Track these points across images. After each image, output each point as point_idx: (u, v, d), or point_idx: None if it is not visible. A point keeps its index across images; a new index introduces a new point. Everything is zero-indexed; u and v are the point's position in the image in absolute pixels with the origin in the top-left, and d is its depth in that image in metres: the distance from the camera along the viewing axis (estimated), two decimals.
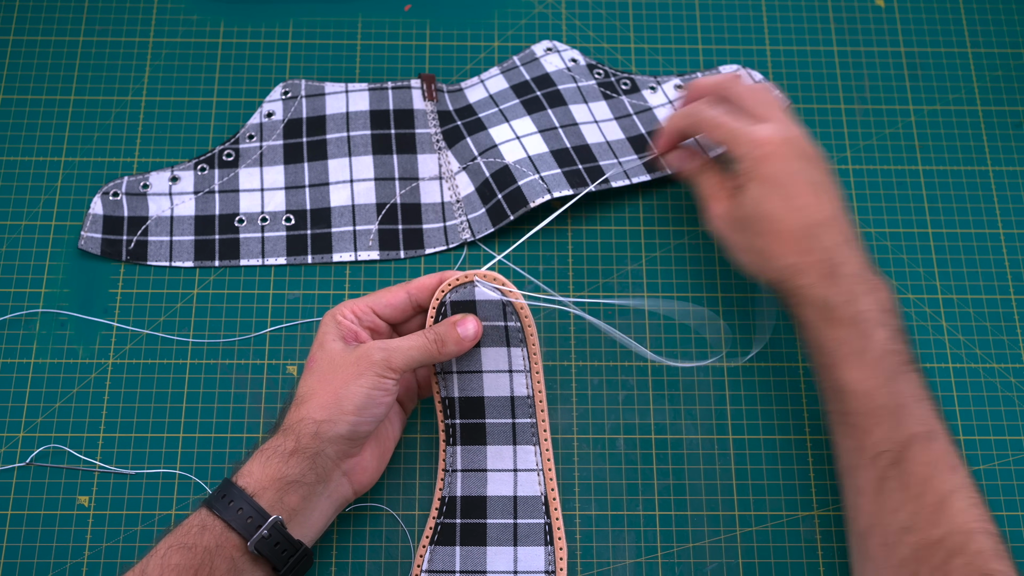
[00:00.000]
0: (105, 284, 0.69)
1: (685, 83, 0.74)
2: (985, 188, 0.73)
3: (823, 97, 0.76)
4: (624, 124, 0.73)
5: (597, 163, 0.70)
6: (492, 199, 0.69)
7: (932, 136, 0.75)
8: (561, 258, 0.71)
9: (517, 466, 0.62)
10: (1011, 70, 0.77)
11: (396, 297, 0.60)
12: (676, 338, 0.69)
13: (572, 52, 0.75)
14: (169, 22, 0.77)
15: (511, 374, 0.62)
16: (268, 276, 0.69)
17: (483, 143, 0.71)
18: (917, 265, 0.71)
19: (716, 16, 0.78)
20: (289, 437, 0.55)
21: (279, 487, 0.54)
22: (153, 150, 0.73)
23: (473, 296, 0.60)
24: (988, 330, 0.69)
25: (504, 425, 0.62)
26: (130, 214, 0.70)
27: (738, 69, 0.75)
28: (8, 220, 0.71)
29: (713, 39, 0.78)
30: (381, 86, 0.74)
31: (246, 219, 0.70)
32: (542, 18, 0.78)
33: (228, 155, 0.72)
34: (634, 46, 0.77)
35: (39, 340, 0.67)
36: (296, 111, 0.73)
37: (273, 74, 0.75)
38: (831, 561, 0.63)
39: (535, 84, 0.74)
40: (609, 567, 0.63)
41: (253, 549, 0.53)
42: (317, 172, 0.71)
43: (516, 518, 0.61)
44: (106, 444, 0.65)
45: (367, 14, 0.78)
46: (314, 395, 0.56)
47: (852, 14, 0.79)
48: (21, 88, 0.75)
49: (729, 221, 0.63)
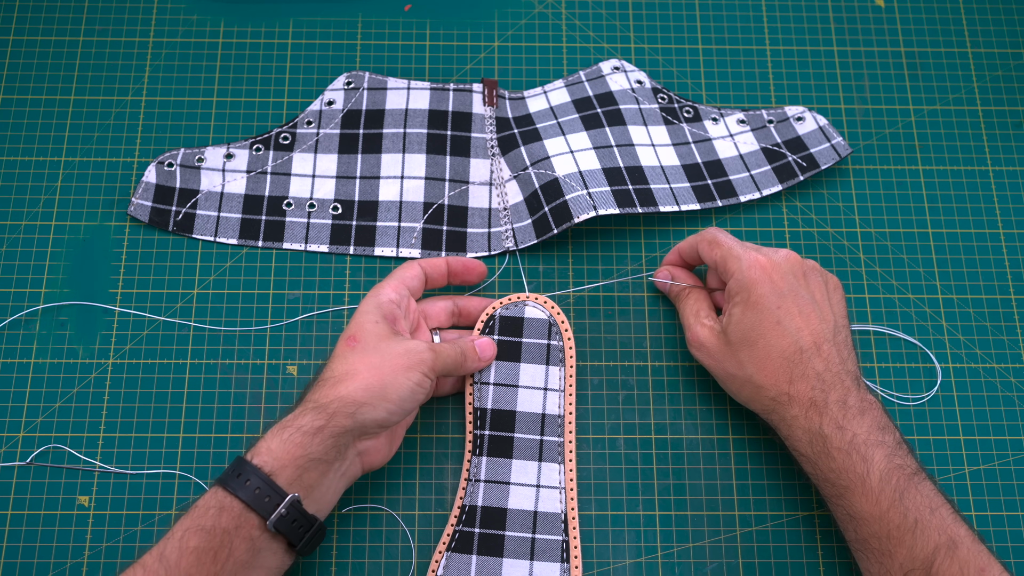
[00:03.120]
0: (105, 284, 0.69)
1: (748, 117, 0.74)
2: (985, 188, 0.73)
3: (823, 97, 0.76)
4: (681, 151, 0.73)
5: (648, 185, 0.70)
6: (539, 211, 0.69)
7: (932, 136, 0.75)
8: (561, 258, 0.71)
9: (540, 482, 0.63)
10: (1011, 70, 0.77)
11: (439, 307, 0.65)
12: (676, 338, 0.69)
13: (639, 74, 0.75)
14: (169, 22, 0.77)
15: (546, 392, 0.64)
16: (268, 276, 0.69)
17: (536, 154, 0.71)
18: (917, 265, 0.71)
19: (716, 17, 0.78)
20: (320, 415, 0.55)
21: (300, 464, 0.54)
22: (153, 150, 0.73)
23: (523, 314, 0.65)
24: (988, 330, 0.69)
25: (532, 441, 0.63)
26: (182, 186, 0.71)
27: (804, 111, 0.74)
28: (8, 220, 0.71)
29: (713, 39, 0.78)
30: (443, 86, 0.74)
31: (294, 203, 0.71)
32: (542, 18, 0.78)
33: (285, 138, 0.72)
34: (634, 46, 0.77)
35: (39, 340, 0.67)
36: (356, 102, 0.73)
37: (273, 74, 0.75)
38: (831, 561, 0.63)
39: (597, 101, 0.73)
40: (609, 567, 0.63)
41: (272, 527, 0.53)
42: (370, 165, 0.72)
43: (535, 533, 0.61)
44: (106, 444, 0.65)
45: (367, 14, 0.78)
46: (357, 376, 0.56)
47: (852, 14, 0.79)
48: (21, 88, 0.75)
49: (714, 347, 0.61)
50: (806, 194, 0.73)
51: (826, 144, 0.72)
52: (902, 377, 0.68)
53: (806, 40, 0.78)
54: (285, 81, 0.75)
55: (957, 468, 0.65)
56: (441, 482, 0.64)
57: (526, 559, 0.61)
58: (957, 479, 0.65)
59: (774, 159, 0.72)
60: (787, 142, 0.73)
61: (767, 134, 0.73)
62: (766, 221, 0.72)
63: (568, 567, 0.61)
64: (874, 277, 0.70)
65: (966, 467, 0.66)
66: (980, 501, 0.65)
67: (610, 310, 0.69)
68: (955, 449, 0.66)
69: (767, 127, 0.74)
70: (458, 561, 0.61)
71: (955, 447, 0.66)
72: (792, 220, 0.72)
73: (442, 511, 0.64)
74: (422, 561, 0.62)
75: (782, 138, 0.73)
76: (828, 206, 0.73)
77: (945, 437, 0.66)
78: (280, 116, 0.74)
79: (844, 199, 0.73)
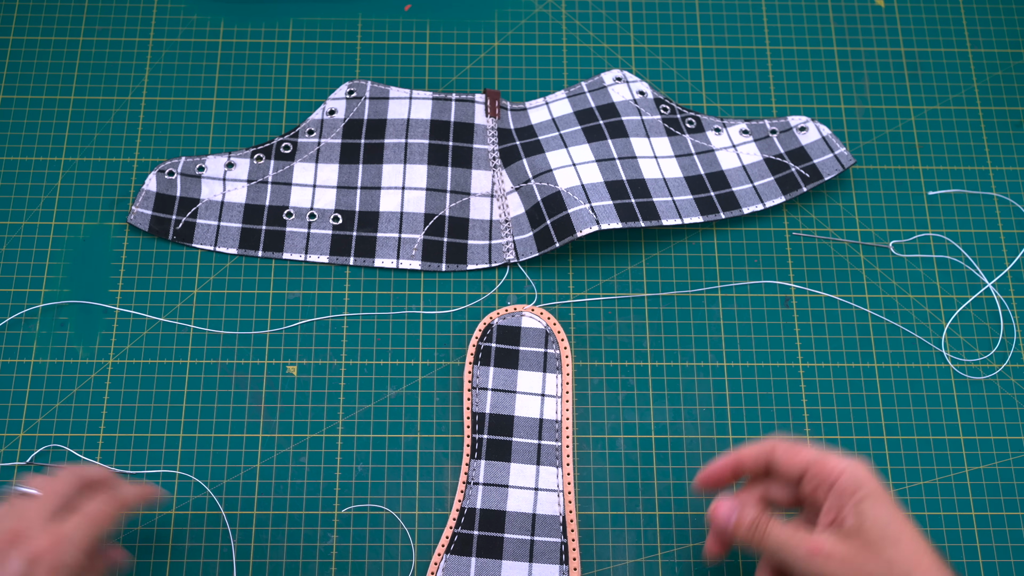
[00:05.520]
0: (105, 284, 0.69)
1: (750, 127, 0.74)
2: (985, 188, 0.73)
3: (823, 97, 0.76)
4: (683, 163, 0.72)
5: (651, 199, 0.70)
6: (541, 224, 0.69)
7: (932, 136, 0.75)
8: (561, 258, 0.71)
9: (538, 485, 0.63)
10: (1011, 70, 0.77)
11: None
12: (676, 338, 0.69)
13: (641, 84, 0.75)
14: (169, 22, 0.77)
15: (543, 398, 0.65)
16: (268, 276, 0.69)
17: (539, 166, 0.71)
18: (917, 265, 0.71)
19: (716, 17, 0.78)
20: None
21: None
22: (153, 150, 0.73)
23: (520, 324, 0.66)
24: (988, 330, 0.69)
25: (530, 445, 0.64)
26: (182, 195, 0.71)
27: (807, 121, 0.74)
28: (8, 220, 0.71)
29: (713, 39, 0.78)
30: (445, 96, 0.74)
31: (295, 213, 0.71)
32: (542, 18, 0.78)
33: (286, 147, 0.72)
34: (634, 46, 0.77)
35: (39, 340, 0.67)
36: (359, 112, 0.73)
37: (273, 73, 0.75)
38: None
39: (599, 112, 0.73)
40: (609, 567, 0.63)
41: None
42: (371, 175, 0.71)
43: (533, 535, 0.62)
44: (106, 444, 0.65)
45: (367, 14, 0.78)
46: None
47: (852, 14, 0.79)
48: (21, 88, 0.75)
49: (849, 554, 0.51)
50: (806, 194, 0.73)
51: (829, 155, 0.72)
52: (902, 377, 0.68)
53: (806, 40, 0.78)
54: (285, 81, 0.75)
55: (957, 468, 0.65)
56: (441, 482, 0.64)
57: (525, 561, 0.61)
58: (957, 479, 0.65)
59: (777, 170, 0.72)
60: (790, 152, 0.73)
61: (770, 144, 0.73)
62: (766, 221, 0.72)
63: (567, 569, 0.61)
64: (874, 277, 0.70)
65: (966, 467, 0.66)
66: (980, 501, 0.65)
67: (610, 311, 0.69)
68: (955, 449, 0.66)
69: (770, 137, 0.74)
70: (457, 563, 0.61)
71: (955, 447, 0.66)
72: (792, 220, 0.72)
73: (442, 511, 0.64)
74: (422, 561, 0.62)
75: (785, 148, 0.73)
76: (828, 206, 0.73)
77: (945, 437, 0.66)
78: (280, 115, 0.74)
79: (844, 199, 0.73)
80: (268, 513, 0.63)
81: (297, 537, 0.63)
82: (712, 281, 0.70)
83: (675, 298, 0.70)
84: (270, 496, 0.64)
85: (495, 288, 0.69)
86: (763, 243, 0.71)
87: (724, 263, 0.71)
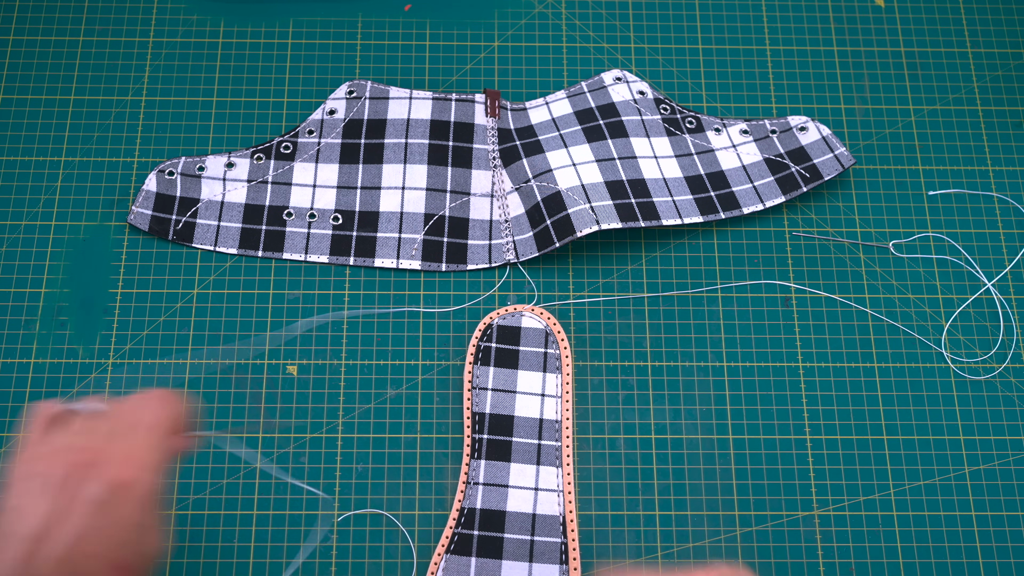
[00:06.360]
0: (105, 284, 0.69)
1: (750, 127, 0.74)
2: (985, 188, 0.73)
3: (823, 97, 0.76)
4: (684, 163, 0.73)
5: (651, 199, 0.70)
6: (541, 224, 0.69)
7: (932, 136, 0.75)
8: (561, 258, 0.71)
9: (538, 485, 0.63)
10: (1011, 70, 0.77)
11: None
12: (676, 338, 0.69)
13: (641, 84, 0.75)
14: (169, 22, 0.77)
15: (543, 398, 0.65)
16: (268, 276, 0.70)
17: (539, 166, 0.71)
18: (917, 265, 0.71)
19: (716, 16, 0.78)
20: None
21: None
22: (153, 150, 0.73)
23: (519, 324, 0.66)
24: (988, 330, 0.69)
25: (530, 445, 0.64)
26: (182, 195, 0.71)
27: (807, 121, 0.74)
28: (8, 220, 0.71)
29: (713, 39, 0.78)
30: (445, 96, 0.74)
31: (295, 213, 0.71)
32: (542, 18, 0.78)
33: (286, 147, 0.72)
34: (634, 46, 0.77)
35: (39, 340, 0.67)
36: (358, 112, 0.73)
37: (273, 73, 0.75)
38: (831, 561, 0.63)
39: (599, 112, 0.73)
40: (609, 567, 0.63)
41: None
42: (371, 175, 0.71)
43: (533, 535, 0.62)
44: None
45: (367, 14, 0.78)
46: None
47: (852, 14, 0.79)
48: (21, 88, 0.75)
49: None
50: (806, 194, 0.73)
51: (829, 155, 0.72)
52: (902, 377, 0.68)
53: (806, 40, 0.78)
54: (285, 81, 0.75)
55: (957, 468, 0.65)
56: (441, 482, 0.64)
57: (525, 561, 0.61)
58: (957, 479, 0.65)
59: (777, 170, 0.72)
60: (790, 152, 0.73)
61: (770, 144, 0.73)
62: (766, 221, 0.72)
63: (567, 569, 0.61)
64: (874, 277, 0.71)
65: (966, 467, 0.66)
66: (980, 501, 0.65)
67: (610, 311, 0.69)
68: (955, 449, 0.66)
69: (770, 137, 0.74)
70: (457, 563, 0.61)
71: (955, 447, 0.66)
72: (792, 220, 0.72)
73: (442, 511, 0.64)
74: (422, 562, 0.62)
75: (785, 148, 0.73)
76: (828, 206, 0.73)
77: (945, 437, 0.66)
78: (280, 115, 0.74)
79: (844, 199, 0.73)
80: (268, 513, 0.63)
81: (297, 537, 0.63)
82: (712, 281, 0.70)
83: (675, 298, 0.70)
84: (270, 496, 0.64)
85: (495, 288, 0.69)
86: (763, 243, 0.71)
87: (724, 263, 0.71)
